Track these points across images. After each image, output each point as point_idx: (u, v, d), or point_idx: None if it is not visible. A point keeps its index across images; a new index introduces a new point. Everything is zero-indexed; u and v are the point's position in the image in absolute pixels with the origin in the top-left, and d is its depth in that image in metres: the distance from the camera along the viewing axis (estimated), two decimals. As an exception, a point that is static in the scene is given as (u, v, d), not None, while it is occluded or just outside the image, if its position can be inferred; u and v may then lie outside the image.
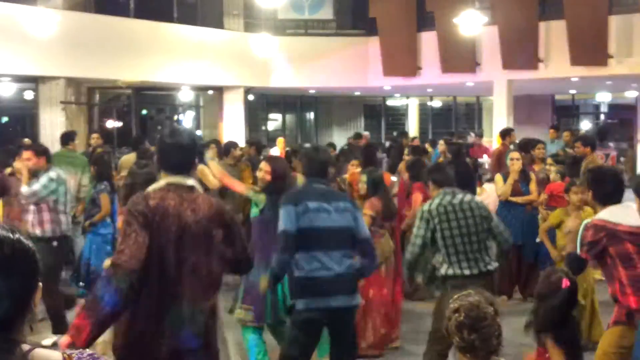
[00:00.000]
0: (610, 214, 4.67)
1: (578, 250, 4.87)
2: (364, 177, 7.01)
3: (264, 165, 5.95)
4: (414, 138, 18.22)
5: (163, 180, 3.61)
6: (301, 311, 4.75)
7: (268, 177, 5.77)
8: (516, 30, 16.15)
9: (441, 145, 13.25)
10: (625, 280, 4.58)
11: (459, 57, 16.98)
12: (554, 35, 16.10)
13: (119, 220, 6.05)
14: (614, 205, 4.75)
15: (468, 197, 5.51)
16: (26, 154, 7.19)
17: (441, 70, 17.44)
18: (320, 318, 4.77)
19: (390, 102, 25.72)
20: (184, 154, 3.68)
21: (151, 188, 3.61)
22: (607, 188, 4.85)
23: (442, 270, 5.35)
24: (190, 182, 3.64)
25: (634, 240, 4.59)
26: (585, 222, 4.95)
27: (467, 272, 5.30)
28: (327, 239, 4.76)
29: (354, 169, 8.48)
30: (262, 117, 23.97)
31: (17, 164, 7.57)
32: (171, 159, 3.65)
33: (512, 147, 11.22)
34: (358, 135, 15.83)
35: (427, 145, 14.17)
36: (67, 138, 10.78)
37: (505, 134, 12.37)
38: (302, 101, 24.11)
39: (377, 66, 18.26)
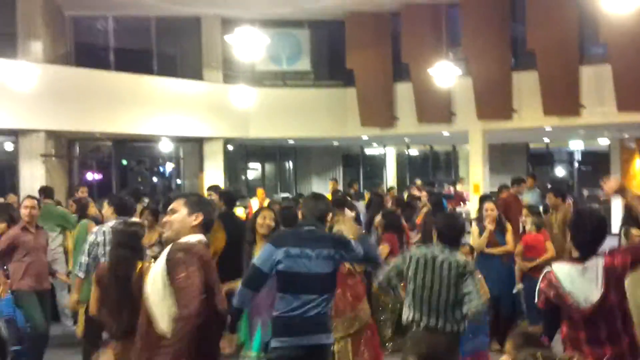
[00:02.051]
0: (566, 277, 4.41)
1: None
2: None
3: (267, 213, 6.38)
4: (390, 188, 18.45)
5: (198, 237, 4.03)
6: (275, 348, 5.01)
7: (272, 224, 6.19)
8: (490, 81, 16.51)
9: (423, 195, 13.35)
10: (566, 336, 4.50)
11: (435, 107, 17.30)
12: (526, 86, 16.46)
13: None
14: (582, 261, 4.47)
15: (446, 253, 5.41)
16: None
17: (417, 120, 17.73)
18: (294, 355, 4.97)
19: (368, 151, 25.97)
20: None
21: (195, 240, 4.00)
22: (586, 236, 4.55)
23: (406, 317, 5.48)
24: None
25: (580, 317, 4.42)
26: (545, 270, 4.56)
27: (430, 323, 5.33)
28: (305, 283, 4.95)
29: None
30: (242, 167, 24.09)
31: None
32: None
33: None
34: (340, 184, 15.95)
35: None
36: (51, 192, 10.90)
37: (514, 183, 12.29)
38: (281, 151, 24.29)
39: (355, 116, 18.52)
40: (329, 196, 8.03)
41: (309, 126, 18.88)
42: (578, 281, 4.39)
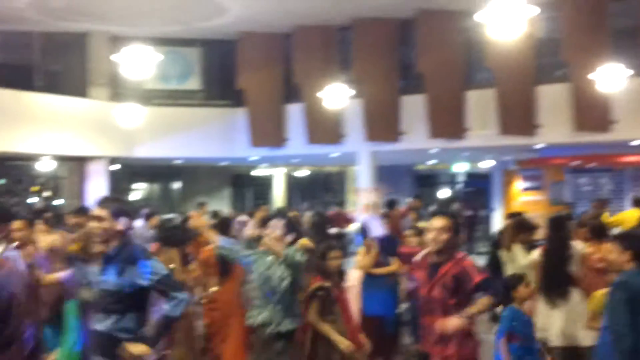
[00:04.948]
0: None
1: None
2: None
3: None
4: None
5: None
6: None
7: None
8: (379, 104, 16.76)
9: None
10: None
11: (325, 128, 17.37)
12: (414, 109, 16.76)
13: None
14: None
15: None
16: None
17: (307, 141, 17.76)
18: None
19: (257, 172, 25.87)
20: None
21: None
22: None
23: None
24: None
25: None
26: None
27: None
28: None
29: None
30: (126, 187, 23.47)
31: None
32: None
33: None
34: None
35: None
36: None
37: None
38: (168, 171, 23.85)
39: (245, 136, 18.37)
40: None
41: (198, 146, 18.60)
42: None
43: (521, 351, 6.26)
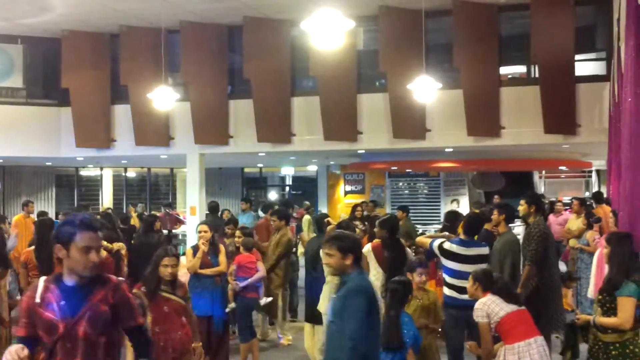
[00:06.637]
0: None
1: None
2: None
3: None
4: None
5: None
6: None
7: None
8: (207, 107, 16.94)
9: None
10: None
11: (153, 130, 17.34)
12: (243, 113, 17.09)
13: None
14: None
15: None
16: None
17: (135, 143, 17.65)
18: None
19: (83, 172, 25.30)
20: None
21: None
22: None
23: None
24: None
25: None
26: None
27: None
28: None
29: None
30: (-60, 187, 22.30)
31: None
32: None
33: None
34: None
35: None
36: None
37: (269, 207, 13.75)
38: (-14, 171, 22.87)
39: (70, 137, 17.97)
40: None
41: (20, 145, 18.00)
42: None
43: None
